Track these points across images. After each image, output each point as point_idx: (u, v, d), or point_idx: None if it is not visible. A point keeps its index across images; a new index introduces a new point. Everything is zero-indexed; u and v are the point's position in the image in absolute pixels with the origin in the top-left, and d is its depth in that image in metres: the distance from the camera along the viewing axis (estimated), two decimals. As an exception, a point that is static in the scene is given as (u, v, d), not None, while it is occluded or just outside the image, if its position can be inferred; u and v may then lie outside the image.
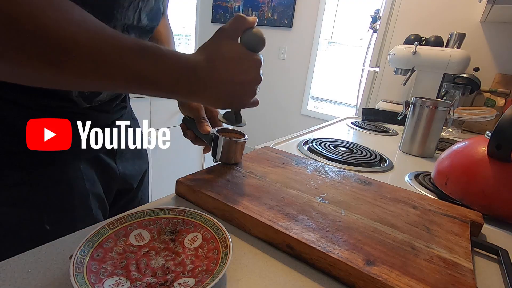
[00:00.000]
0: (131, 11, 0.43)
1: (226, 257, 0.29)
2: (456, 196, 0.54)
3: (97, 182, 0.50)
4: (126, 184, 0.58)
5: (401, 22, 1.62)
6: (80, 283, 0.24)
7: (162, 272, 0.30)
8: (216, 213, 0.40)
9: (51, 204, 0.44)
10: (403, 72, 1.36)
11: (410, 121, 0.87)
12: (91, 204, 0.48)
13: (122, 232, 0.33)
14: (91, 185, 0.48)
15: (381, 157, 0.78)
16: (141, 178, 0.64)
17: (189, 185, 0.43)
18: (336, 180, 0.51)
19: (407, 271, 0.30)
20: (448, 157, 0.59)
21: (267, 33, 2.96)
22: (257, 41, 0.38)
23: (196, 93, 0.36)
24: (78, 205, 0.47)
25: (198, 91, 0.36)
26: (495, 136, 0.49)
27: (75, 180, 0.46)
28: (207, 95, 0.37)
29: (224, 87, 0.37)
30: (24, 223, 0.42)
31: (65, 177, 0.45)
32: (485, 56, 1.42)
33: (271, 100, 2.88)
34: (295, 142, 0.83)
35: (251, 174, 0.49)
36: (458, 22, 1.45)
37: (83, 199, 0.47)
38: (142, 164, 0.64)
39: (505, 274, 0.34)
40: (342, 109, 2.70)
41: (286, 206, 0.40)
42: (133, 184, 0.60)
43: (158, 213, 0.36)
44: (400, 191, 0.50)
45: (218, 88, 0.37)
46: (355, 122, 1.21)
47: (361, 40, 2.47)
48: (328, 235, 0.34)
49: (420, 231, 0.38)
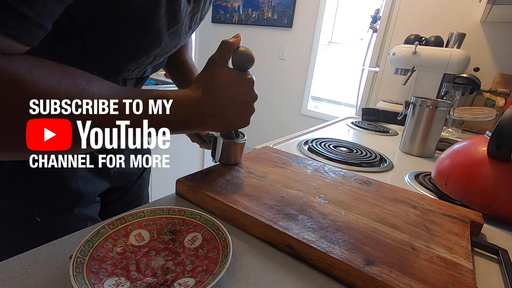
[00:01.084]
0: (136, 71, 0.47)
1: (226, 257, 0.29)
2: (456, 196, 0.54)
3: (90, 180, 0.50)
4: (120, 182, 0.59)
5: (401, 22, 1.62)
6: (80, 283, 0.24)
7: (162, 272, 0.30)
8: (216, 213, 0.40)
9: (42, 198, 0.45)
10: (403, 72, 1.36)
11: (410, 121, 0.87)
12: (83, 201, 0.49)
13: (122, 232, 0.33)
14: (83, 183, 0.49)
15: (381, 157, 0.78)
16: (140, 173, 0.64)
17: (189, 185, 0.43)
18: (336, 180, 0.51)
19: (407, 271, 0.30)
20: (448, 157, 0.59)
21: (267, 33, 2.96)
22: (246, 60, 0.42)
23: (205, 123, 0.40)
24: (68, 201, 0.47)
25: (206, 121, 0.40)
26: (495, 136, 0.49)
27: (68, 176, 0.46)
28: (215, 122, 0.41)
29: (228, 111, 0.40)
30: (15, 213, 0.44)
31: (57, 174, 0.45)
32: (485, 56, 1.42)
33: (271, 100, 2.88)
34: (295, 142, 0.83)
35: (251, 174, 0.49)
36: (458, 22, 1.45)
37: (74, 196, 0.48)
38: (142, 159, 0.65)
39: (505, 274, 0.34)
40: (342, 109, 2.70)
41: (286, 206, 0.40)
42: (128, 183, 0.61)
43: (158, 213, 0.36)
44: (400, 191, 0.50)
45: (222, 114, 0.40)
46: (355, 122, 1.21)
47: (361, 40, 2.47)
48: (328, 235, 0.34)
49: (420, 231, 0.38)
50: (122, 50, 0.40)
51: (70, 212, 0.48)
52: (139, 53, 0.42)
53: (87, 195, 0.49)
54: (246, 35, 2.85)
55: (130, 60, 0.42)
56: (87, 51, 0.37)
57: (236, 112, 0.41)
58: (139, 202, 0.66)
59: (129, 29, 0.37)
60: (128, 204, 0.64)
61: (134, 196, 0.64)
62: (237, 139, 0.50)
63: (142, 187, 0.67)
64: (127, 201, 0.64)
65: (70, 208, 0.48)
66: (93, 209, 0.52)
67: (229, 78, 0.40)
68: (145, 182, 0.68)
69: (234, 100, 0.40)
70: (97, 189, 0.52)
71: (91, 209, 0.51)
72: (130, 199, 0.64)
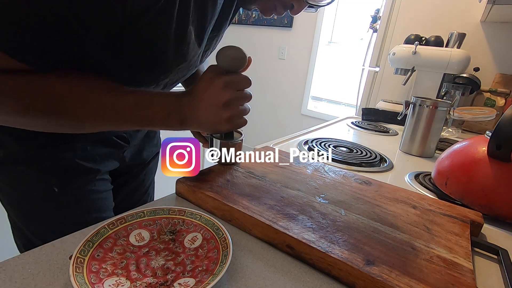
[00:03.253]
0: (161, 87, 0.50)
1: (226, 257, 0.29)
2: (456, 196, 0.54)
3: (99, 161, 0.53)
4: (129, 165, 0.63)
5: (401, 22, 1.62)
6: (80, 283, 0.24)
7: (162, 272, 0.30)
8: (216, 213, 0.40)
9: (57, 170, 0.49)
10: (403, 72, 1.35)
11: (410, 121, 0.87)
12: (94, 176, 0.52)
13: (122, 232, 0.33)
14: (94, 164, 0.52)
15: (381, 157, 0.78)
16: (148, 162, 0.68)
17: (189, 185, 0.43)
18: (336, 180, 0.51)
19: (407, 271, 0.30)
20: (448, 157, 0.59)
21: (267, 33, 2.95)
22: (226, 61, 0.42)
23: (187, 121, 0.42)
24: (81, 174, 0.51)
25: (187, 119, 0.42)
26: (495, 136, 0.49)
27: (79, 157, 0.50)
28: (195, 123, 0.43)
29: (203, 113, 0.42)
30: (36, 183, 0.48)
31: (68, 155, 0.49)
32: (485, 56, 1.42)
33: (271, 100, 2.88)
34: (295, 142, 0.83)
35: (251, 174, 0.49)
36: (458, 22, 1.44)
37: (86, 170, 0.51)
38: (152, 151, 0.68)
39: (505, 274, 0.34)
40: (342, 109, 2.70)
41: (286, 206, 0.40)
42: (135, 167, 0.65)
43: (158, 213, 0.36)
44: (400, 191, 0.50)
45: (204, 112, 0.42)
46: (355, 122, 1.21)
47: (361, 40, 2.46)
48: (328, 235, 0.34)
49: (420, 231, 0.38)
50: (130, 78, 0.42)
51: (83, 184, 0.51)
52: (146, 82, 0.45)
53: (98, 171, 0.53)
54: (246, 35, 2.85)
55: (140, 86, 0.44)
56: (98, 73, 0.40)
57: (213, 114, 0.42)
58: (144, 190, 0.70)
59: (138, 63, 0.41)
60: (135, 191, 0.68)
61: (140, 183, 0.69)
62: (233, 139, 0.50)
63: (148, 176, 0.71)
64: (134, 188, 0.68)
65: (83, 181, 0.51)
66: (105, 185, 0.55)
67: (202, 82, 0.42)
68: (151, 172, 0.71)
69: (207, 103, 0.41)
70: (107, 167, 0.55)
71: (103, 185, 0.55)
72: (136, 185, 0.68)
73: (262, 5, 0.47)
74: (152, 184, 0.74)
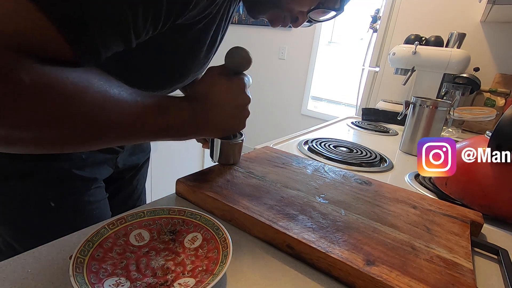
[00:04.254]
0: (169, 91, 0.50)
1: (226, 257, 0.29)
2: (456, 196, 0.54)
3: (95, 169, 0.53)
4: (122, 173, 0.63)
5: (401, 22, 1.62)
6: (80, 283, 0.24)
7: (162, 272, 0.30)
8: (216, 213, 0.40)
9: (54, 182, 0.47)
10: (403, 72, 1.36)
11: (410, 121, 0.87)
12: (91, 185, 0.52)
13: (122, 232, 0.33)
14: (91, 173, 0.51)
15: (381, 157, 0.78)
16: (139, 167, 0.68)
17: (189, 185, 0.43)
18: (336, 180, 0.51)
19: (407, 271, 0.30)
20: (448, 157, 0.59)
21: (267, 33, 2.95)
22: (239, 62, 0.41)
23: (201, 130, 0.40)
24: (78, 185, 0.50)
25: (201, 128, 0.40)
26: (495, 136, 0.48)
27: (75, 166, 0.49)
28: (210, 129, 0.41)
29: (221, 117, 0.41)
30: (31, 197, 0.46)
31: (66, 165, 0.48)
32: (485, 56, 1.42)
33: (271, 100, 2.88)
34: (295, 142, 0.83)
35: (251, 174, 0.49)
36: (458, 22, 1.44)
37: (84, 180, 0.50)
38: (142, 156, 0.68)
39: (505, 274, 0.34)
40: (342, 109, 2.70)
41: (286, 206, 0.40)
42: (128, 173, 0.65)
43: (158, 213, 0.36)
44: (400, 191, 0.50)
45: (216, 120, 0.40)
46: (355, 122, 1.21)
47: (361, 40, 2.46)
48: (328, 235, 0.34)
49: (420, 231, 0.38)
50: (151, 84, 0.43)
51: (81, 195, 0.50)
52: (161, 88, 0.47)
53: (95, 180, 0.52)
54: (246, 35, 2.85)
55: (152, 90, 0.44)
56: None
57: (230, 117, 0.41)
58: (137, 196, 0.70)
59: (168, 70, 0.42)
60: (128, 197, 0.68)
61: (133, 190, 0.69)
62: (234, 139, 0.50)
63: (141, 182, 0.71)
64: (127, 194, 0.68)
65: (81, 192, 0.50)
66: (101, 193, 0.55)
67: (220, 85, 0.40)
68: (143, 177, 0.72)
69: (227, 106, 0.40)
70: (102, 175, 0.55)
71: (100, 193, 0.54)
72: (129, 192, 0.68)
73: (271, 16, 0.46)
74: (144, 190, 0.73)
